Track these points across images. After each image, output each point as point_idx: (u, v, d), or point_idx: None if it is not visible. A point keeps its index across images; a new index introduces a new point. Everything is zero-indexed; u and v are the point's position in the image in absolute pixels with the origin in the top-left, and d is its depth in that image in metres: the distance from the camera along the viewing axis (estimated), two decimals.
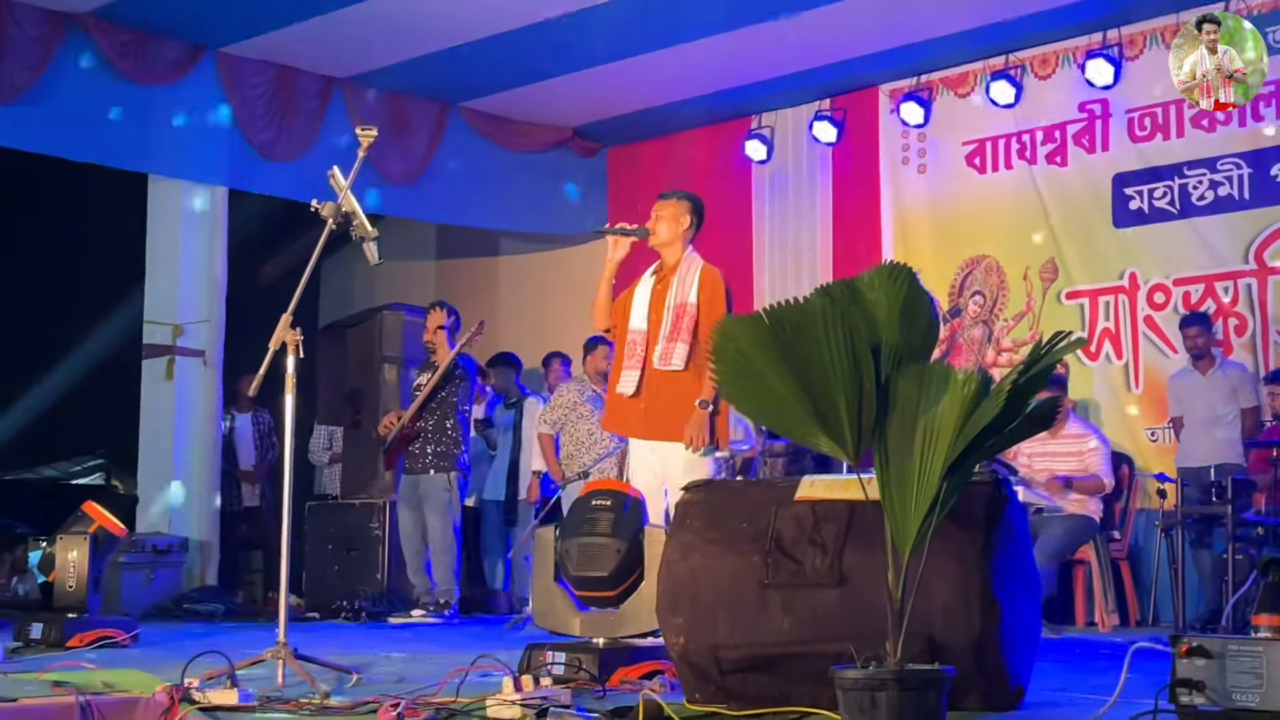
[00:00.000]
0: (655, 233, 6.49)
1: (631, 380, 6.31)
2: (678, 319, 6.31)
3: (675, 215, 6.51)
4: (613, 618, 4.79)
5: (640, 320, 6.40)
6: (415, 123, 10.96)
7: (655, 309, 6.39)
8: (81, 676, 4.57)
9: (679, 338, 6.26)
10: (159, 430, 10.15)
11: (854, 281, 3.20)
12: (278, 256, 12.47)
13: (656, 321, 6.35)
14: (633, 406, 6.32)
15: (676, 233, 6.49)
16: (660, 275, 6.50)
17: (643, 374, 6.30)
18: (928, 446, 3.05)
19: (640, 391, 6.28)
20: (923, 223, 10.45)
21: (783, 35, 9.52)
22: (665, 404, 6.24)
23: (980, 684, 3.76)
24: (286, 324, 4.93)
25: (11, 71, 8.97)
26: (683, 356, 6.24)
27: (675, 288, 6.38)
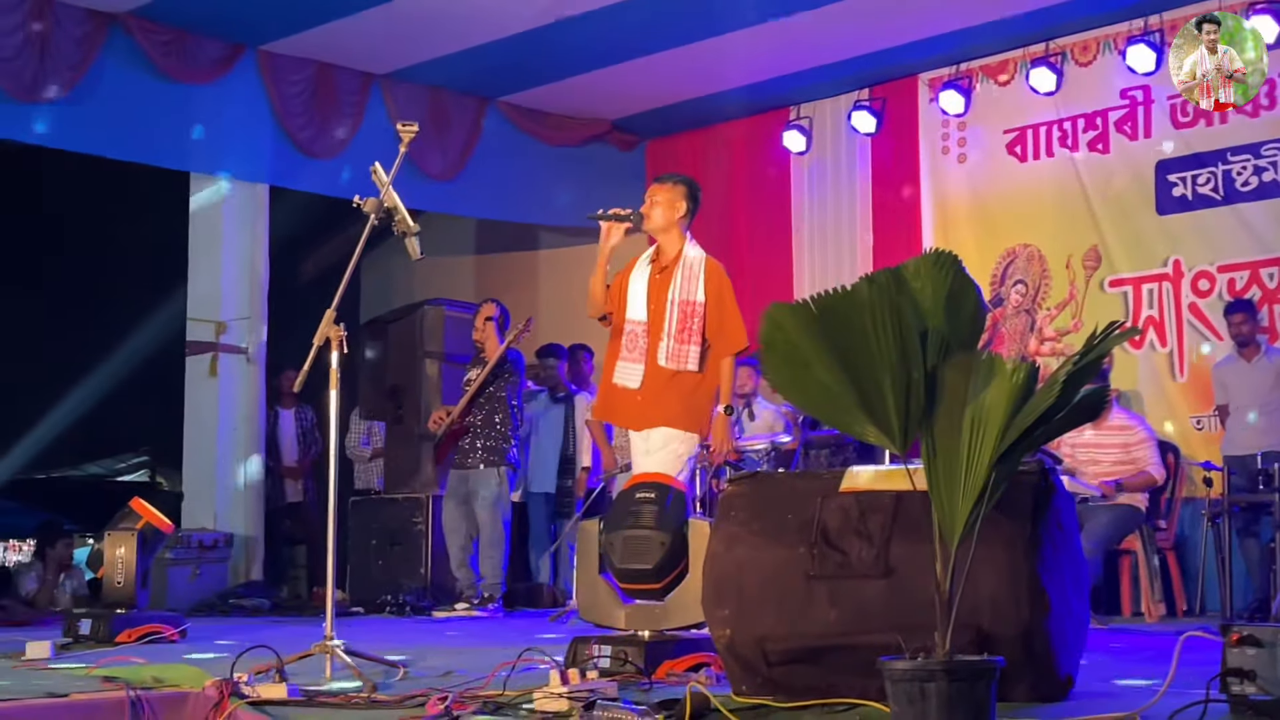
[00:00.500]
0: (650, 218, 6.32)
1: (635, 374, 6.19)
2: (685, 318, 6.17)
3: (671, 200, 6.34)
4: (658, 610, 4.79)
5: (639, 311, 6.25)
6: (454, 118, 10.98)
7: (656, 301, 6.23)
8: (131, 672, 4.60)
9: (690, 340, 6.14)
10: (203, 427, 10.21)
11: (899, 270, 3.18)
12: (318, 252, 12.52)
13: (659, 314, 6.20)
14: (630, 399, 6.22)
15: (672, 218, 6.33)
16: (660, 265, 6.34)
17: (646, 368, 6.18)
18: (975, 436, 3.03)
19: (644, 386, 6.17)
20: (963, 212, 10.40)
21: (821, 25, 9.49)
22: (661, 397, 6.14)
23: (1029, 674, 3.74)
24: (330, 320, 4.94)
25: (54, 71, 9.04)
26: (697, 359, 6.14)
27: (679, 282, 6.23)
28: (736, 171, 11.67)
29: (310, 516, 11.02)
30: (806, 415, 8.88)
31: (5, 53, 8.82)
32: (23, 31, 8.89)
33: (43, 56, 8.99)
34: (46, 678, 4.72)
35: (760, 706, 3.79)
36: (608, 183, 12.02)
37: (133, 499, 6.77)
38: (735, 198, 11.62)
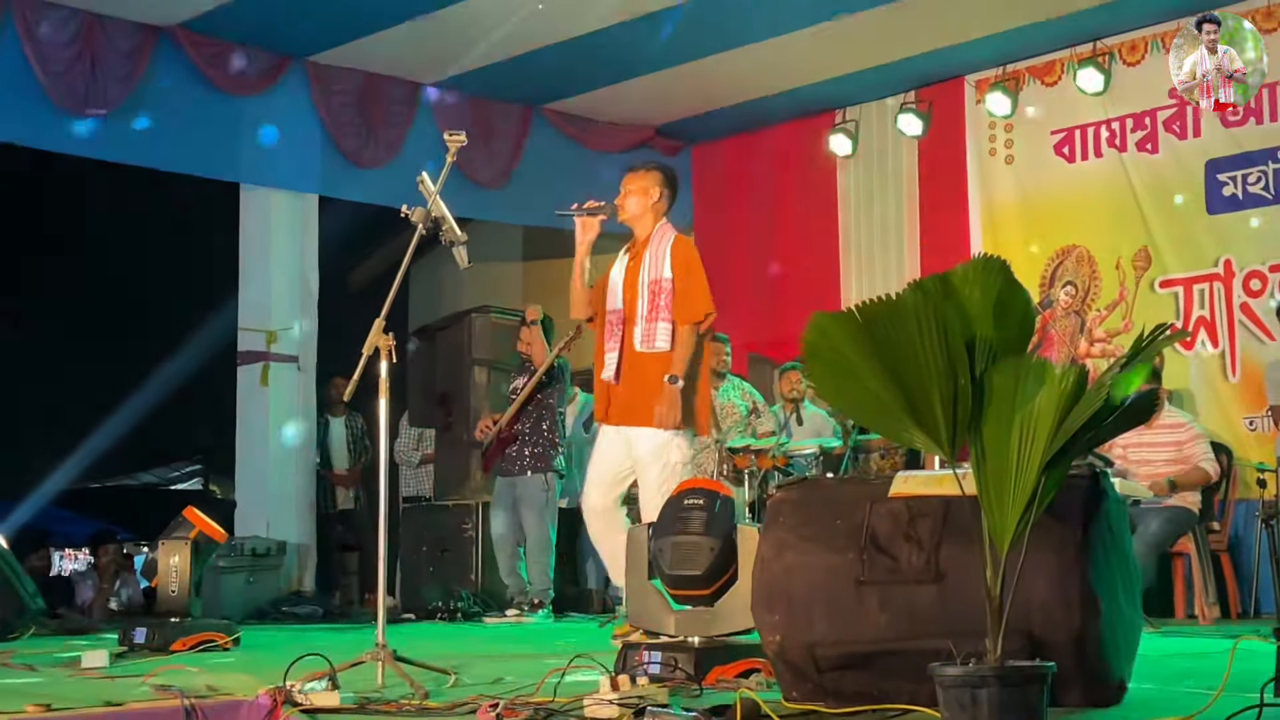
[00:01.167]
0: (624, 208, 6.26)
1: (612, 364, 6.11)
2: (654, 296, 6.08)
3: (644, 188, 6.27)
4: (707, 616, 4.78)
5: (616, 300, 6.19)
6: (500, 126, 11.04)
7: (630, 287, 6.16)
8: (186, 680, 4.64)
9: (659, 317, 6.04)
10: (255, 435, 10.30)
11: (947, 276, 3.17)
12: (367, 261, 12.60)
13: (632, 300, 6.13)
14: (615, 393, 6.12)
15: (646, 206, 6.26)
16: (633, 252, 6.26)
17: (621, 356, 6.10)
18: (1025, 441, 3.02)
19: (619, 375, 6.09)
20: (1011, 214, 10.36)
21: (867, 28, 9.48)
22: (640, 386, 6.03)
23: (1081, 679, 3.72)
24: (379, 329, 4.97)
25: (105, 85, 9.14)
26: (667, 336, 6.03)
27: (648, 263, 6.15)
28: (782, 176, 11.67)
29: (361, 523, 11.08)
30: None
31: (57, 66, 8.94)
32: (74, 45, 8.99)
33: (93, 70, 9.10)
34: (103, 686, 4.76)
35: (811, 713, 3.79)
36: None
37: (186, 508, 6.83)
38: (781, 202, 11.62)
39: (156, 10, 9.22)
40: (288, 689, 4.06)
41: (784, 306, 11.44)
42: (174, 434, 12.37)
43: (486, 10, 9.26)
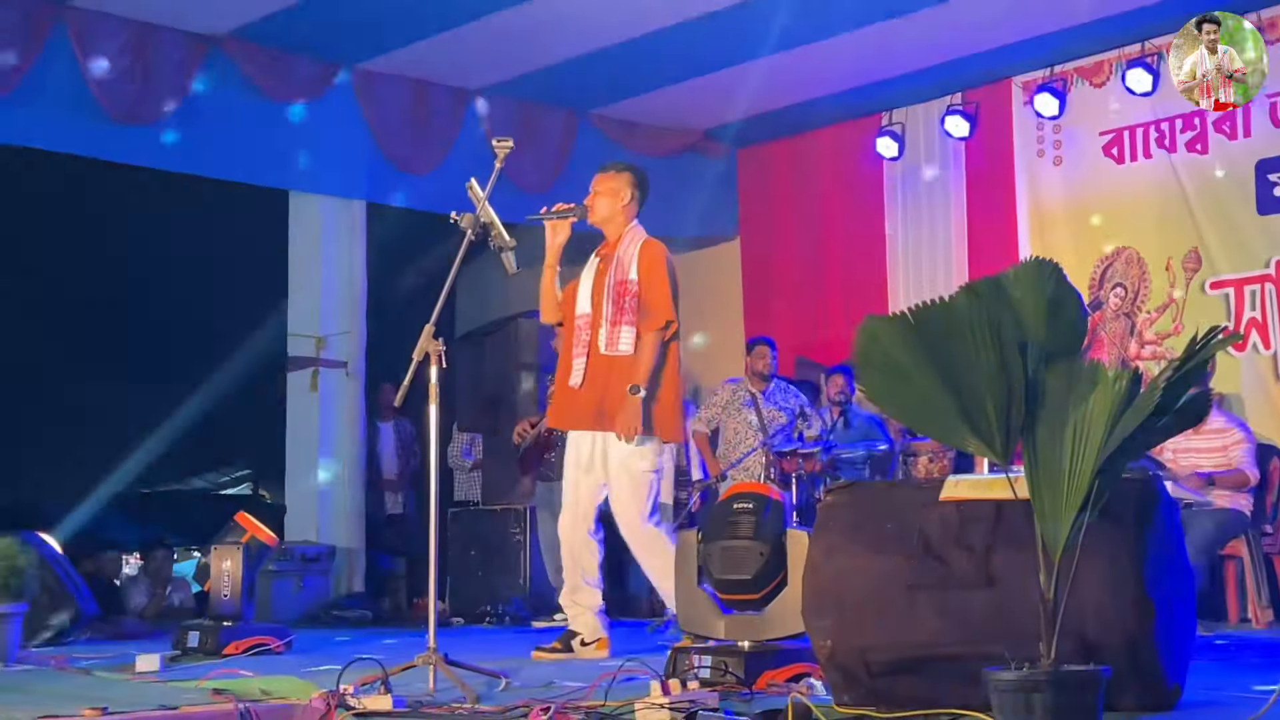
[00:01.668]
0: (594, 210, 6.18)
1: (579, 370, 6.04)
2: (619, 299, 6.02)
3: (615, 189, 6.20)
4: (757, 620, 4.79)
5: (585, 304, 6.12)
6: (546, 132, 11.06)
7: (598, 291, 6.09)
8: (240, 684, 4.68)
9: (623, 320, 5.98)
10: (304, 441, 10.36)
11: (999, 279, 3.17)
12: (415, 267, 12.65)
13: (599, 304, 6.06)
14: (578, 398, 6.05)
15: (616, 207, 6.19)
16: (603, 254, 6.20)
17: (588, 360, 6.04)
18: (1078, 444, 3.02)
19: (585, 381, 6.03)
20: (1060, 216, 10.30)
21: (913, 30, 9.44)
22: (607, 393, 5.97)
23: (1135, 684, 3.70)
24: (429, 334, 5.00)
25: (155, 94, 9.22)
26: (630, 340, 5.97)
27: (615, 265, 6.09)
28: (828, 179, 11.64)
29: (410, 528, 11.12)
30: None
31: (108, 76, 9.02)
32: (125, 55, 9.08)
33: (144, 80, 9.18)
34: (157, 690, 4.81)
35: (862, 717, 3.78)
36: (699, 192, 12.05)
37: (238, 513, 6.89)
38: (827, 205, 11.60)
39: (207, 20, 9.30)
40: (341, 693, 4.09)
41: (830, 310, 11.42)
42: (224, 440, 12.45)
43: (533, 16, 9.28)
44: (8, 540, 6.41)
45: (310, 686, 4.37)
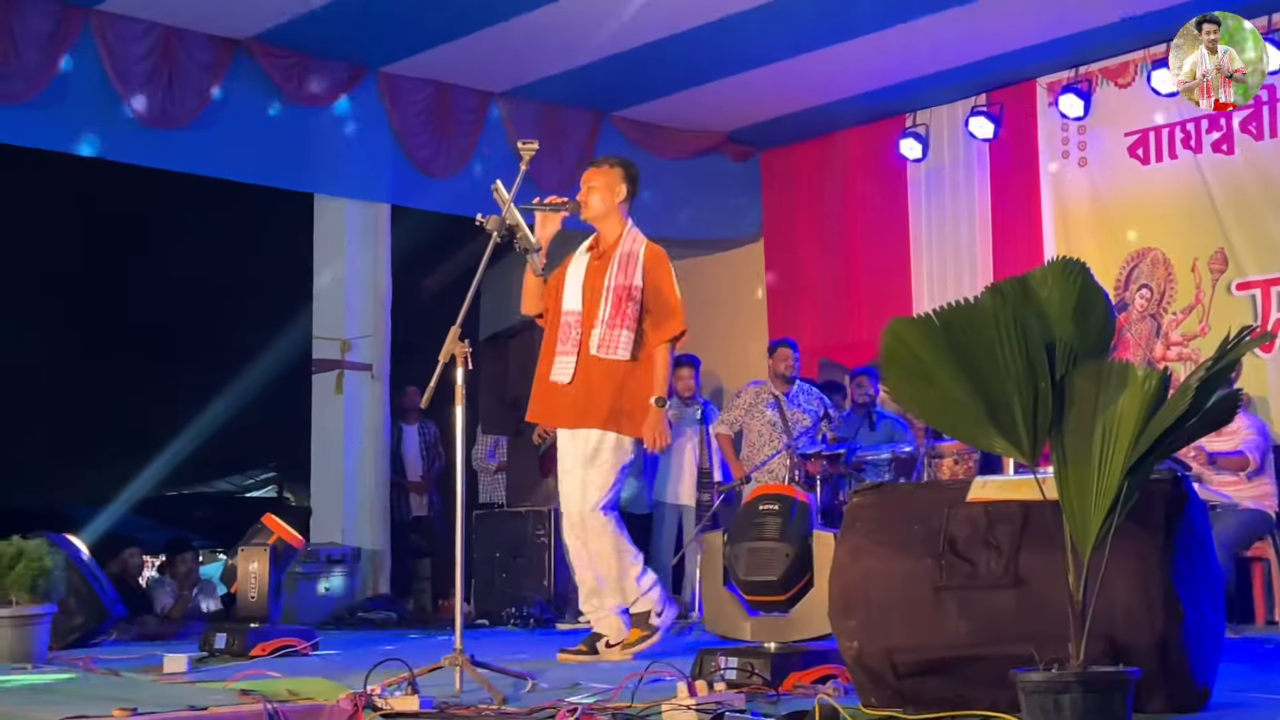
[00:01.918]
0: (587, 205, 6.10)
1: (567, 367, 5.98)
2: (620, 302, 5.96)
3: (609, 184, 6.13)
4: (783, 622, 4.79)
5: (574, 301, 6.04)
6: (569, 134, 11.07)
7: (591, 289, 6.01)
8: (267, 685, 4.70)
9: (623, 324, 5.92)
10: (329, 443, 10.38)
11: (1026, 279, 3.16)
12: (438, 270, 12.69)
13: (593, 302, 5.99)
14: (562, 394, 6.00)
15: (611, 204, 6.13)
16: (598, 252, 6.12)
17: (579, 359, 5.98)
18: (1107, 445, 3.01)
19: (574, 379, 5.97)
20: (1085, 217, 10.27)
21: (937, 31, 9.43)
22: (596, 392, 5.93)
23: (1164, 685, 3.69)
24: (455, 337, 5.00)
25: (182, 98, 9.27)
26: (628, 346, 5.92)
27: (616, 267, 6.02)
28: (852, 180, 11.63)
29: (434, 530, 11.14)
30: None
31: (135, 80, 9.07)
32: (151, 58, 9.12)
33: (170, 83, 9.22)
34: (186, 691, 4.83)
35: (890, 719, 3.78)
36: (722, 194, 12.05)
37: (265, 515, 6.91)
38: (851, 207, 11.59)
39: (232, 23, 9.34)
40: (368, 693, 4.10)
41: (855, 312, 11.41)
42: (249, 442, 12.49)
43: (555, 19, 9.29)
44: (36, 542, 6.44)
45: (338, 687, 4.38)
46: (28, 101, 8.73)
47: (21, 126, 8.88)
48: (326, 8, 9.06)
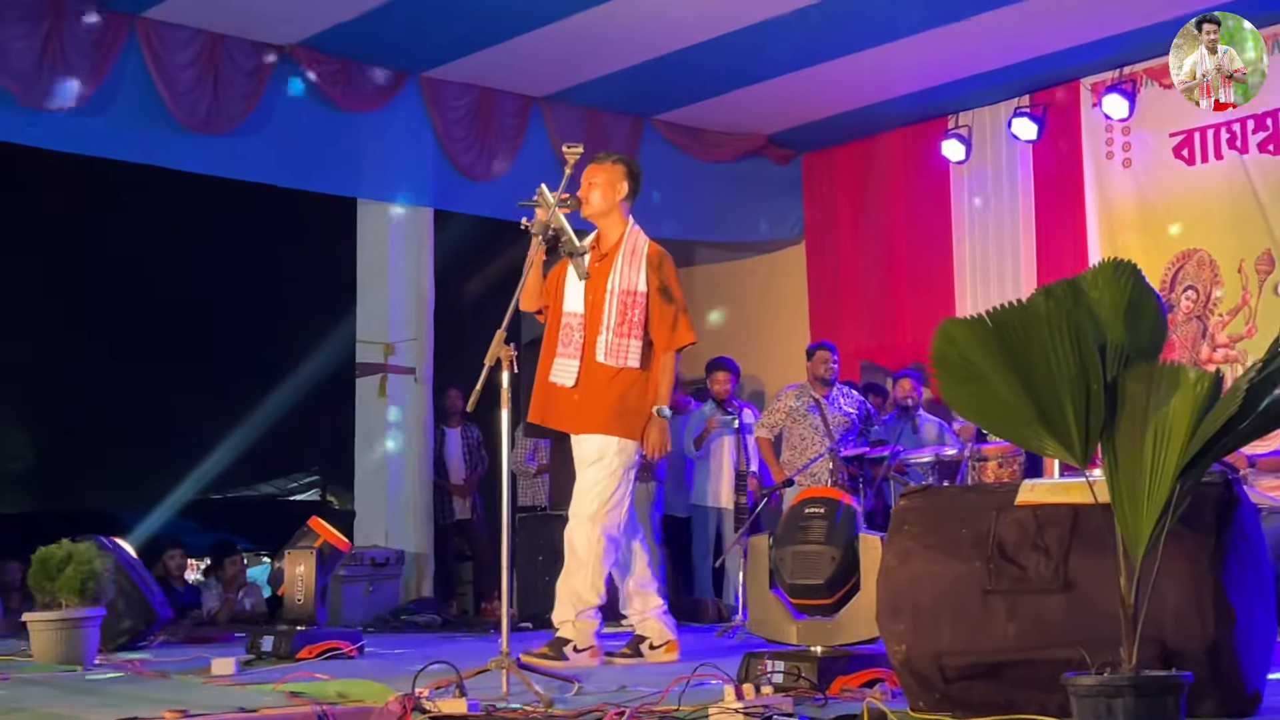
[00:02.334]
0: (588, 202, 5.93)
1: (570, 371, 5.88)
2: (625, 309, 5.86)
3: (610, 181, 5.97)
4: (829, 625, 4.78)
5: (576, 302, 5.93)
6: (610, 137, 11.07)
7: (594, 291, 5.89)
8: (316, 687, 4.72)
9: (630, 333, 5.83)
10: (373, 446, 10.42)
11: (1076, 280, 3.14)
12: (481, 274, 12.73)
13: (596, 306, 5.89)
14: (566, 398, 5.92)
15: (613, 201, 5.98)
16: (599, 252, 5.98)
17: (582, 364, 5.88)
18: (1159, 448, 2.99)
19: (577, 383, 5.88)
20: (1130, 218, 10.21)
21: (980, 32, 9.40)
22: (598, 398, 5.85)
23: (1215, 690, 3.66)
24: (500, 340, 5.00)
25: (227, 103, 9.33)
26: (637, 355, 5.84)
27: (619, 270, 5.91)
28: (895, 182, 11.60)
29: (477, 533, 11.17)
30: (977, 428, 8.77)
31: (181, 86, 9.14)
32: (196, 65, 9.19)
33: (215, 89, 9.29)
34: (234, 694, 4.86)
35: None
36: (763, 197, 12.04)
37: (311, 518, 6.94)
38: (894, 209, 11.56)
39: (276, 29, 9.40)
40: (416, 696, 4.11)
41: (897, 314, 11.38)
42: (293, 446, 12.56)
43: (598, 23, 9.31)
44: (85, 546, 6.48)
45: (386, 690, 4.40)
46: (74, 108, 8.81)
47: (68, 133, 8.96)
48: (370, 14, 9.11)
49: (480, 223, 10.82)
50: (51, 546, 6.38)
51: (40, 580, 6.35)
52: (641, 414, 5.97)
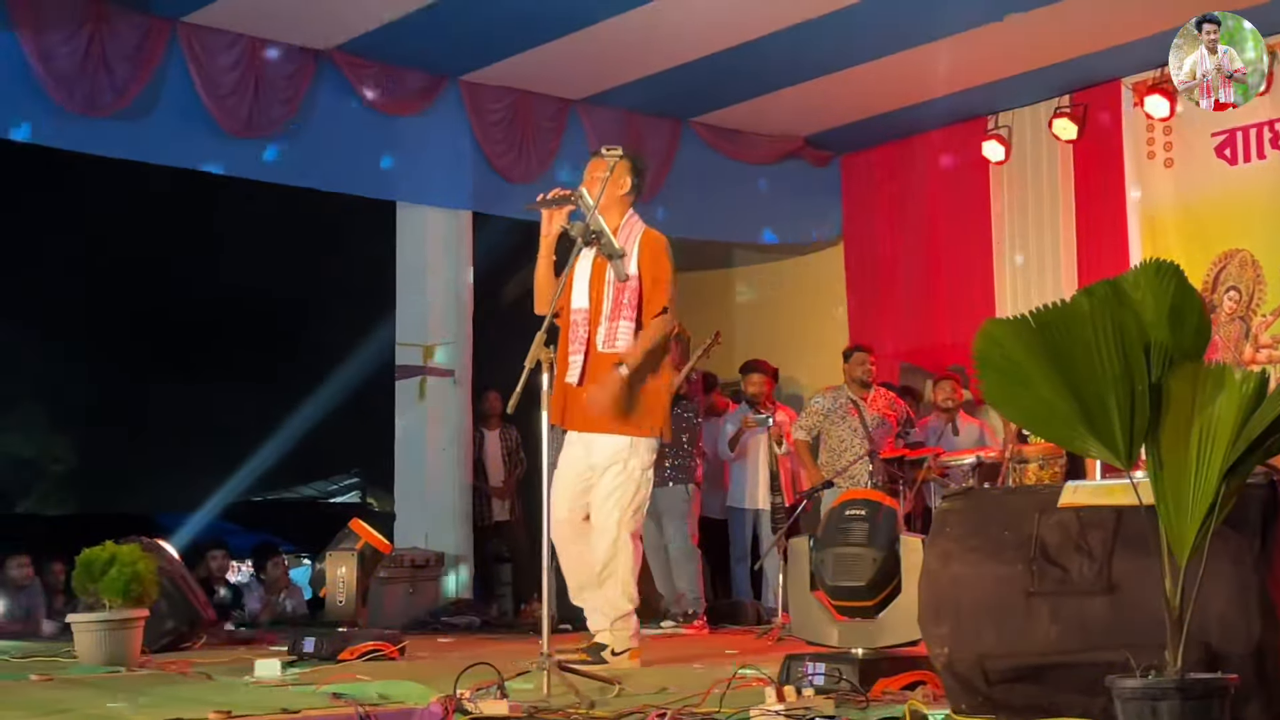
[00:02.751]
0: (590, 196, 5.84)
1: (576, 367, 5.86)
2: (618, 294, 5.83)
3: (613, 176, 5.85)
4: (871, 627, 4.77)
5: (582, 298, 5.91)
6: (648, 140, 11.09)
7: (596, 285, 5.89)
8: (358, 688, 4.74)
9: (621, 315, 5.81)
10: (412, 448, 10.45)
11: (1118, 281, 3.13)
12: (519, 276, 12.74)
13: (598, 299, 5.88)
14: (574, 396, 5.87)
15: (615, 195, 5.93)
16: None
17: (586, 358, 5.86)
18: (1204, 449, 2.97)
19: (584, 379, 5.85)
20: (1171, 218, 10.14)
21: (1021, 33, 9.36)
22: (605, 391, 5.78)
23: (1260, 694, 3.63)
24: (540, 343, 5.02)
25: (267, 108, 9.39)
26: (628, 337, 5.80)
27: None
28: (934, 183, 11.56)
29: (516, 535, 11.19)
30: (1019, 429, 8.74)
31: (222, 90, 9.19)
32: (237, 69, 9.25)
33: (255, 93, 9.34)
34: (277, 695, 4.89)
35: None
36: (801, 199, 12.02)
37: (352, 520, 6.96)
38: (932, 210, 11.52)
39: (316, 33, 9.45)
40: (458, 697, 4.13)
41: (936, 315, 11.34)
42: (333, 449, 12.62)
43: (635, 25, 9.32)
44: (128, 547, 6.53)
45: (428, 691, 4.41)
46: (115, 113, 8.88)
47: (110, 138, 9.03)
48: (408, 18, 9.14)
49: (518, 225, 10.81)
50: (95, 548, 6.42)
51: (84, 582, 6.40)
52: (653, 405, 5.93)
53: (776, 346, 11.31)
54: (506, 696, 4.28)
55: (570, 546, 6.12)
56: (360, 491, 13.54)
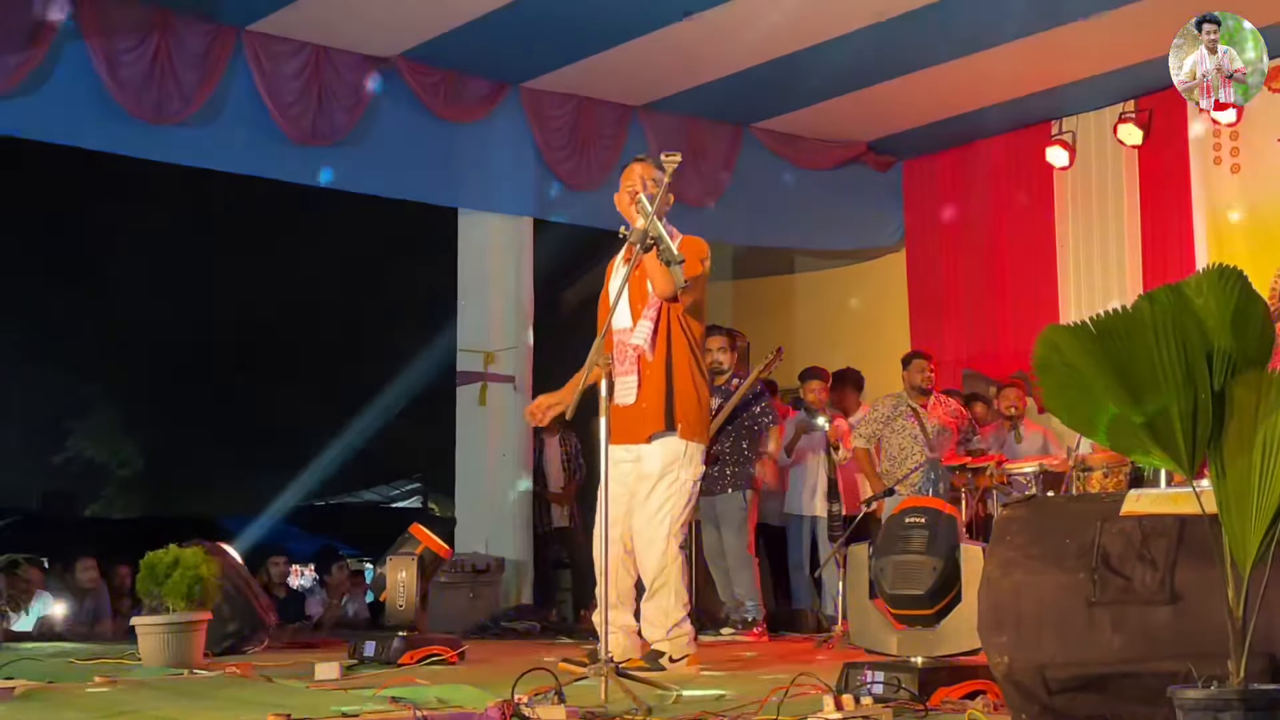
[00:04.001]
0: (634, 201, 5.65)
1: (630, 388, 5.76)
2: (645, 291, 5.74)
3: (646, 183, 5.78)
4: (930, 636, 4.73)
5: (624, 318, 5.80)
6: (710, 146, 11.09)
7: (636, 301, 5.78)
8: (416, 692, 4.76)
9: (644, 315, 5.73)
10: (473, 454, 10.49)
11: (1180, 287, 3.08)
12: (580, 282, 12.78)
13: (639, 316, 5.78)
14: (632, 414, 5.77)
15: (667, 201, 5.74)
16: (627, 255, 5.79)
17: (640, 376, 5.76)
18: (1268, 457, 2.93)
19: (640, 394, 5.75)
20: (1238, 224, 10.03)
21: (1084, 37, 9.28)
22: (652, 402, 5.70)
23: None
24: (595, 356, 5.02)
25: (331, 115, 9.47)
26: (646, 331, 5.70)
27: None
28: (996, 189, 11.49)
29: (576, 541, 11.20)
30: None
31: (287, 98, 9.28)
32: (302, 78, 9.33)
33: (320, 101, 9.42)
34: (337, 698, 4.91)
35: None
36: (863, 204, 11.98)
37: (412, 524, 6.99)
38: (995, 215, 11.45)
39: (379, 41, 9.52)
40: (516, 702, 4.13)
41: (999, 322, 11.27)
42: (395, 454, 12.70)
43: (696, 32, 9.32)
44: (191, 551, 6.58)
45: (485, 696, 4.42)
46: (183, 120, 8.98)
47: (177, 145, 9.14)
48: (471, 25, 9.19)
49: (579, 232, 10.87)
50: (159, 551, 6.48)
51: (148, 585, 6.46)
52: (690, 416, 5.84)
53: (839, 353, 11.26)
54: (564, 702, 4.28)
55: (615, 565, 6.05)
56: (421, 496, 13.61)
